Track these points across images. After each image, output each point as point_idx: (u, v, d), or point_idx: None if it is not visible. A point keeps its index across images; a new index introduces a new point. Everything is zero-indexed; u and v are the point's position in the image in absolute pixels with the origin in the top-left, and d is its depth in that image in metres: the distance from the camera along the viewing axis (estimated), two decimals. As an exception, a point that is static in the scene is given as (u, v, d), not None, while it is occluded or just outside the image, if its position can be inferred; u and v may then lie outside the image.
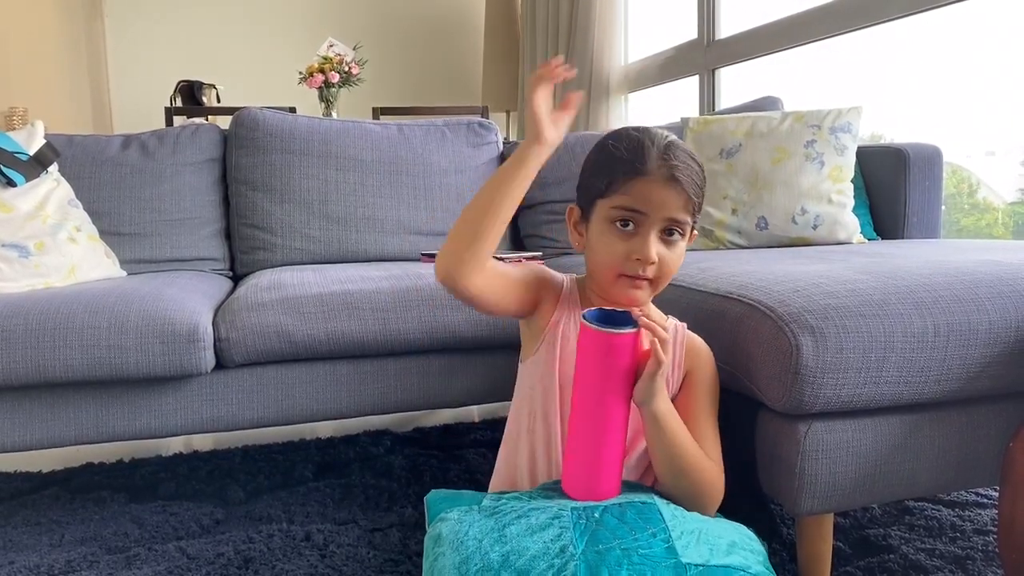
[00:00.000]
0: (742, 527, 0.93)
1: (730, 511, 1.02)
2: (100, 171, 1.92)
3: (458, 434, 1.94)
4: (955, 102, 2.31)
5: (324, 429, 1.98)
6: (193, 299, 1.45)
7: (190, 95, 3.67)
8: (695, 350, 1.07)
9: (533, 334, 1.08)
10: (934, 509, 1.42)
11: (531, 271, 1.09)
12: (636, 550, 0.81)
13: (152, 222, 1.92)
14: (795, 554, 1.13)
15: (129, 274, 1.81)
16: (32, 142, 1.71)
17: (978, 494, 1.48)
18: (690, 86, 3.26)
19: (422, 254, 1.97)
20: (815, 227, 1.77)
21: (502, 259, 1.77)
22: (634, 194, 0.99)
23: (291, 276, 1.60)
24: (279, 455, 1.79)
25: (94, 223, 1.79)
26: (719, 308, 1.14)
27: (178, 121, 3.28)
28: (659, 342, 0.91)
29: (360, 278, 1.54)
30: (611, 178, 1.01)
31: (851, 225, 1.79)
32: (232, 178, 2.02)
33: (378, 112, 3.51)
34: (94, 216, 1.81)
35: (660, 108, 3.62)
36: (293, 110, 2.82)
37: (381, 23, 4.61)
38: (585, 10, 3.56)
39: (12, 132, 1.72)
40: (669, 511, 0.90)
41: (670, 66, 3.36)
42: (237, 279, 1.93)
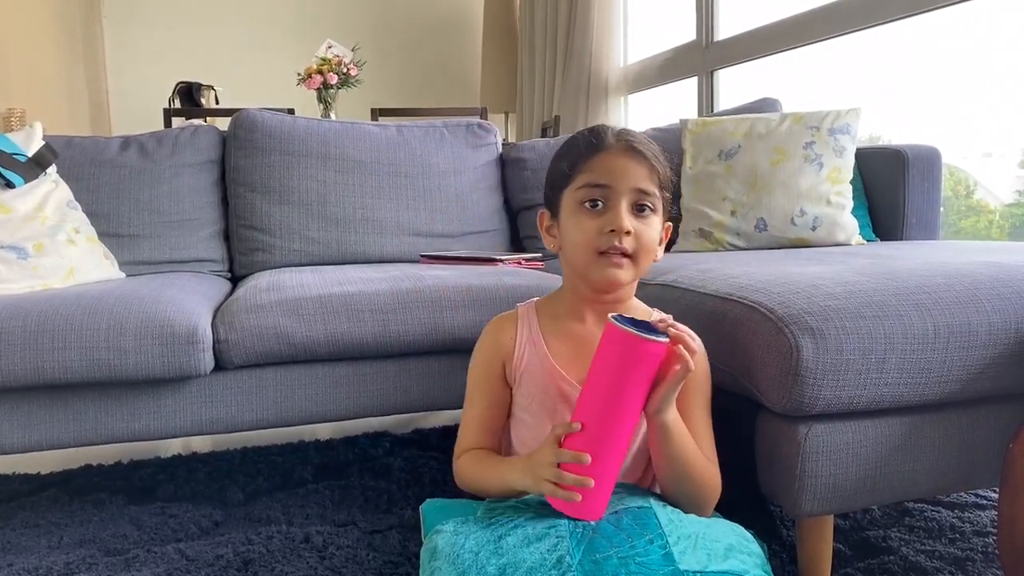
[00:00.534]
0: (739, 527, 0.93)
1: (730, 512, 1.02)
2: (99, 172, 1.92)
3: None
4: (952, 103, 2.31)
5: (323, 431, 1.97)
6: (192, 301, 1.45)
7: (188, 96, 3.68)
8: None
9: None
10: (934, 510, 1.42)
11: (487, 372, 1.09)
12: (633, 558, 0.81)
13: (151, 223, 1.92)
14: (795, 556, 1.13)
15: (128, 276, 1.80)
16: (31, 143, 1.71)
17: (978, 495, 1.48)
18: (689, 88, 3.26)
19: (421, 255, 1.97)
20: (814, 228, 1.77)
21: (502, 260, 1.77)
22: (596, 169, 1.00)
23: (290, 277, 1.60)
24: (278, 457, 1.78)
25: (93, 224, 1.78)
26: (719, 310, 1.14)
27: (176, 122, 3.27)
28: (687, 350, 0.90)
29: (359, 279, 1.54)
30: (573, 161, 1.02)
31: (850, 226, 1.79)
32: (231, 179, 2.02)
33: (377, 113, 3.51)
34: (93, 218, 1.80)
35: (659, 110, 3.62)
36: (292, 111, 2.81)
37: (379, 24, 4.61)
38: (584, 11, 3.56)
39: (10, 133, 1.72)
40: (666, 515, 0.89)
41: (669, 67, 3.36)
42: (236, 280, 1.92)
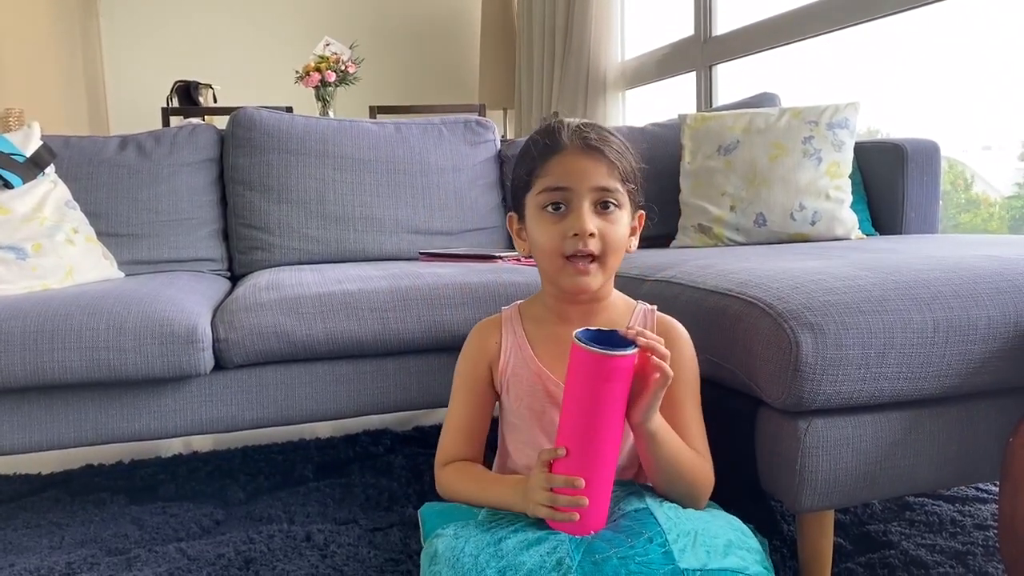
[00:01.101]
0: (738, 522, 0.93)
1: (730, 508, 1.01)
2: (97, 172, 1.92)
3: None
4: (952, 97, 2.31)
5: (324, 429, 1.98)
6: (191, 300, 1.45)
7: (186, 95, 3.67)
8: (671, 336, 1.00)
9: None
10: (934, 504, 1.42)
11: (473, 377, 1.09)
12: (633, 558, 0.81)
13: (149, 223, 1.92)
14: (796, 551, 1.13)
15: (127, 275, 1.80)
16: (29, 144, 1.70)
17: (978, 489, 1.49)
18: (687, 83, 3.25)
19: (420, 253, 1.97)
20: (813, 223, 1.77)
21: (501, 257, 1.77)
22: (554, 172, 0.98)
23: (289, 276, 1.60)
24: (279, 455, 1.79)
25: (91, 224, 1.78)
26: (718, 305, 1.14)
27: (175, 121, 3.27)
28: (659, 357, 0.88)
29: (359, 278, 1.54)
30: (531, 166, 1.01)
31: (849, 221, 1.79)
32: (229, 178, 2.02)
33: (375, 111, 3.51)
34: (91, 217, 1.80)
35: (658, 105, 3.62)
36: (290, 109, 2.82)
37: (377, 22, 4.60)
38: (582, 7, 3.55)
39: (8, 134, 1.72)
40: (663, 513, 0.89)
41: (667, 63, 3.35)
42: (235, 279, 1.92)
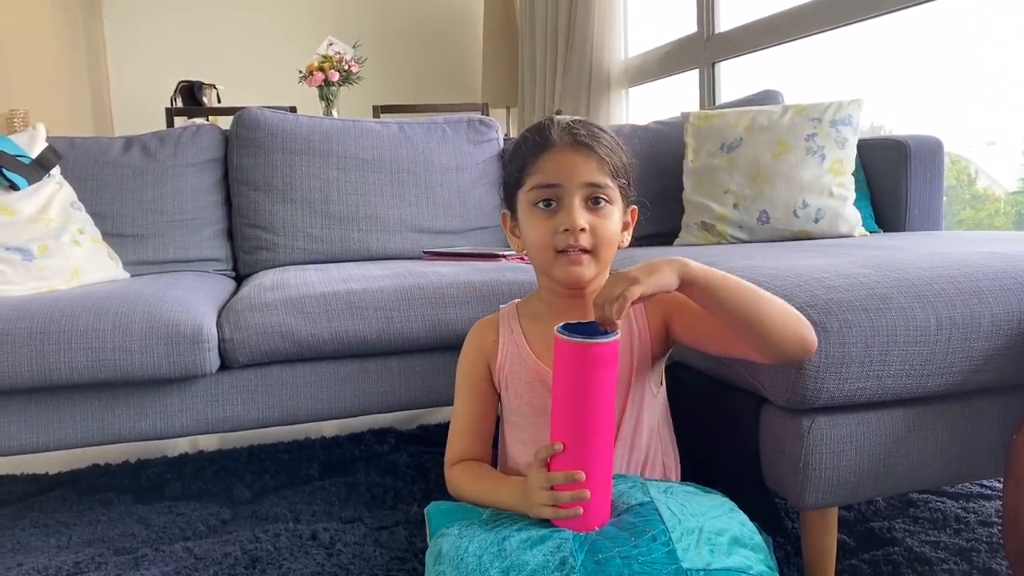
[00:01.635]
0: (742, 515, 0.93)
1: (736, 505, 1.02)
2: (102, 173, 1.92)
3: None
4: (955, 92, 2.30)
5: (329, 428, 1.98)
6: (197, 300, 1.46)
7: (190, 95, 3.67)
8: (661, 299, 0.96)
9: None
10: (938, 501, 1.42)
11: (473, 375, 1.10)
12: (636, 557, 0.81)
13: (155, 223, 1.93)
14: (800, 548, 1.14)
15: (132, 276, 1.81)
16: (34, 145, 1.71)
17: (982, 486, 1.49)
18: (690, 80, 3.25)
19: (424, 252, 1.97)
20: (817, 220, 1.77)
21: (504, 256, 1.77)
22: (544, 169, 0.99)
23: (294, 276, 1.61)
24: (284, 454, 1.79)
25: (97, 225, 1.79)
26: (721, 303, 1.14)
27: (179, 122, 3.28)
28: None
29: (363, 277, 1.55)
30: (521, 163, 1.02)
31: (852, 218, 1.79)
32: (234, 178, 2.02)
33: (378, 110, 3.51)
34: (97, 218, 1.81)
35: (661, 102, 3.62)
36: (294, 109, 2.82)
37: (380, 21, 4.61)
38: (584, 4, 3.55)
39: (14, 135, 1.72)
40: (667, 510, 0.89)
41: (670, 60, 3.35)
42: (240, 279, 1.93)
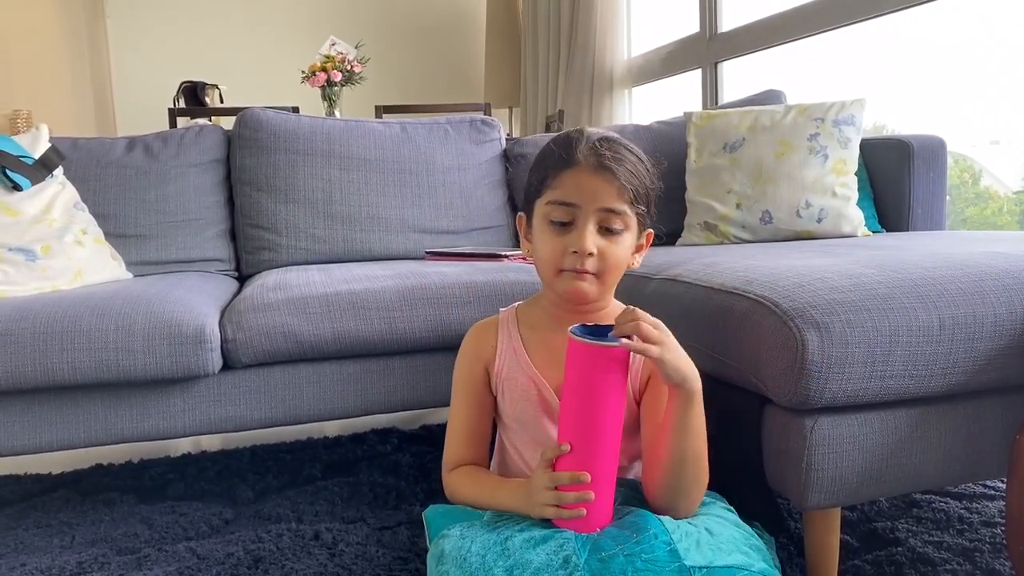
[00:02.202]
0: (737, 518, 0.93)
1: (737, 506, 1.02)
2: (105, 174, 1.93)
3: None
4: (959, 91, 2.30)
5: (331, 428, 1.98)
6: (199, 300, 1.46)
7: (193, 96, 3.68)
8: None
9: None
10: (941, 501, 1.42)
11: (471, 378, 1.10)
12: (639, 555, 0.81)
13: (157, 224, 1.93)
14: (803, 548, 1.14)
15: (135, 276, 1.81)
16: (37, 146, 1.71)
17: (985, 486, 1.48)
18: (693, 80, 3.25)
19: (426, 252, 1.97)
20: (819, 220, 1.77)
21: (507, 256, 1.77)
22: (565, 186, 0.99)
23: (297, 276, 1.61)
24: (287, 455, 1.79)
25: (100, 225, 1.79)
26: (724, 304, 1.14)
27: (181, 122, 3.28)
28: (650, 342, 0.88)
29: (366, 277, 1.55)
30: (544, 175, 1.01)
31: (855, 218, 1.78)
32: (236, 179, 2.03)
33: (381, 110, 3.51)
34: (99, 219, 1.81)
35: (663, 102, 3.61)
36: (296, 109, 2.82)
37: (382, 21, 4.61)
38: (587, 4, 3.55)
39: (17, 136, 1.72)
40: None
41: (673, 60, 3.35)
42: (243, 280, 1.93)
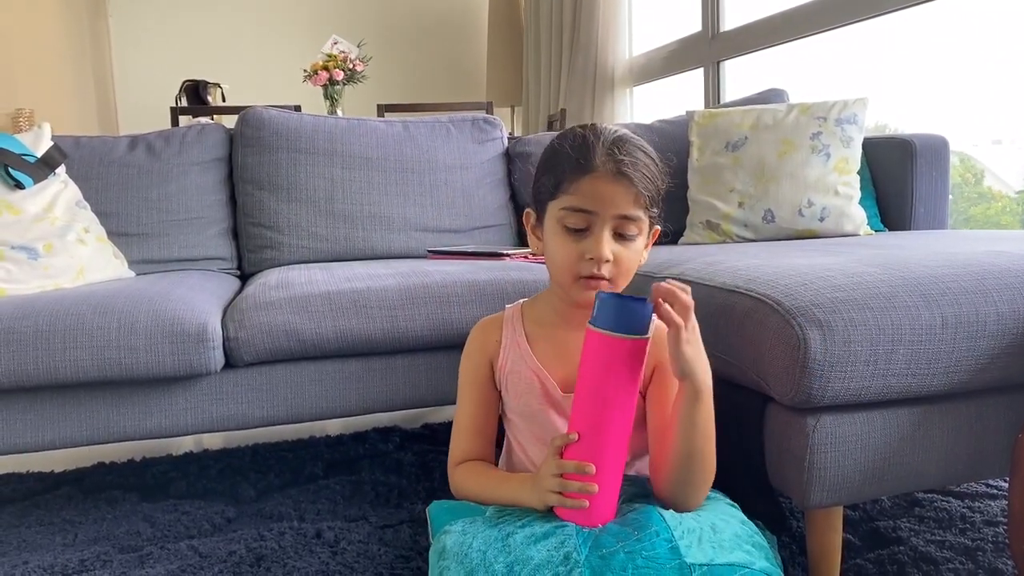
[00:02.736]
0: (741, 514, 0.93)
1: (739, 504, 1.02)
2: (107, 172, 1.93)
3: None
4: (961, 91, 2.30)
5: (333, 426, 1.99)
6: (201, 299, 1.46)
7: (195, 94, 3.68)
8: (660, 339, 0.96)
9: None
10: (944, 500, 1.42)
11: (475, 374, 1.10)
12: (640, 552, 0.81)
13: (159, 222, 1.93)
14: (805, 547, 1.14)
15: (138, 274, 1.82)
16: (39, 144, 1.72)
17: (988, 485, 1.48)
18: (695, 79, 3.25)
19: (429, 251, 1.97)
20: (822, 219, 1.77)
21: (509, 255, 1.77)
22: (582, 193, 0.98)
23: (299, 274, 1.61)
24: (289, 453, 1.80)
25: (102, 224, 1.79)
26: (726, 302, 1.14)
27: (184, 121, 3.29)
28: (676, 310, 0.87)
29: (368, 276, 1.55)
30: (559, 178, 1.00)
31: (858, 217, 1.78)
32: (238, 177, 2.03)
33: (383, 109, 3.51)
34: (102, 217, 1.81)
35: (665, 101, 3.61)
36: (298, 108, 2.82)
37: (385, 20, 4.61)
38: (589, 3, 3.55)
39: (19, 134, 1.73)
40: (669, 511, 0.90)
41: (675, 59, 3.35)
42: (245, 278, 1.93)
